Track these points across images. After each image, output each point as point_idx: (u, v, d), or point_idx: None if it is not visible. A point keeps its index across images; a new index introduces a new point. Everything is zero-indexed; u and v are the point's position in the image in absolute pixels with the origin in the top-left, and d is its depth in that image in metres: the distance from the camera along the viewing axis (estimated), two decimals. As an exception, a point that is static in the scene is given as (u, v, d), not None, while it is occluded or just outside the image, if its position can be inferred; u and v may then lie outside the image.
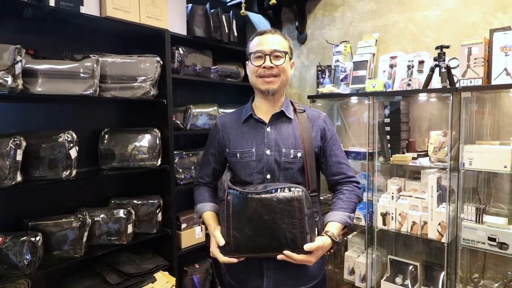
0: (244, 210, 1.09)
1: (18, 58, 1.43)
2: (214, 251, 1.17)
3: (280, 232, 1.06)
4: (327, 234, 1.15)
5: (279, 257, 1.08)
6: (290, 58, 1.25)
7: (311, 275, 1.23)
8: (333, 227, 1.18)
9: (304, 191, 1.09)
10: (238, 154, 1.24)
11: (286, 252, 1.07)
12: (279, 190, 1.09)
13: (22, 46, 1.46)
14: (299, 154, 1.20)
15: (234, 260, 1.12)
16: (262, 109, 1.27)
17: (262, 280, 1.20)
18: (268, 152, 1.21)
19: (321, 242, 1.11)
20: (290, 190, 1.08)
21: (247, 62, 1.26)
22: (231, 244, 1.11)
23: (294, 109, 1.28)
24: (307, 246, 1.07)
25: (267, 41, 1.20)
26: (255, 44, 1.22)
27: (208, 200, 1.35)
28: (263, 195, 1.08)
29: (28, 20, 1.74)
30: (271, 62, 1.18)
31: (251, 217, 1.08)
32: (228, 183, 1.16)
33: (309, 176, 1.20)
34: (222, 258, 1.14)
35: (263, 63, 1.19)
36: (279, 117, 1.25)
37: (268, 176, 1.21)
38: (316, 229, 1.16)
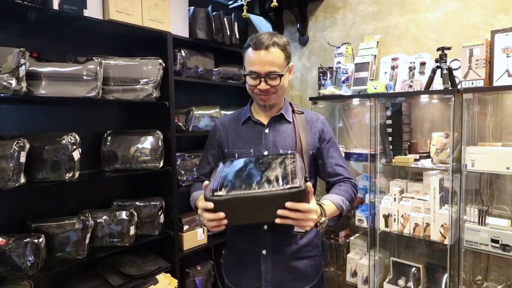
0: (237, 163, 1.07)
1: (22, 61, 1.44)
2: (200, 201, 1.04)
3: (272, 174, 0.98)
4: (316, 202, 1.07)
5: (278, 218, 0.94)
6: (288, 63, 1.21)
7: (309, 277, 1.23)
8: (325, 203, 1.11)
9: (298, 154, 1.11)
10: (236, 155, 1.25)
11: (288, 204, 0.93)
12: (274, 155, 1.11)
13: (26, 49, 1.47)
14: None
15: (210, 205, 0.95)
16: (260, 112, 1.28)
17: (260, 283, 1.20)
18: (265, 153, 1.21)
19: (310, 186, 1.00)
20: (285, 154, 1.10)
21: (243, 72, 1.23)
22: (219, 183, 0.98)
23: (293, 111, 1.28)
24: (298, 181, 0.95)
25: (261, 61, 1.13)
26: (250, 61, 1.16)
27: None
28: (258, 158, 1.09)
29: (32, 23, 1.75)
30: (267, 83, 1.15)
31: (245, 166, 1.04)
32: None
33: None
34: (202, 202, 0.99)
35: (259, 84, 1.16)
36: (278, 119, 1.26)
37: None
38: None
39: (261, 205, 0.95)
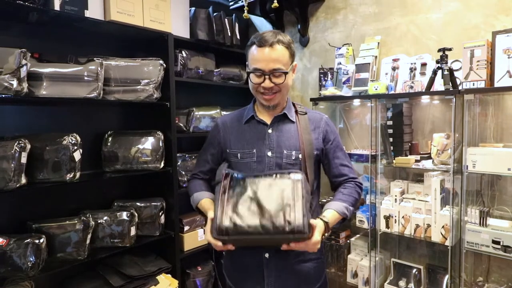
0: (240, 190, 1.08)
1: (23, 61, 1.44)
2: (207, 234, 1.08)
3: (276, 212, 1.03)
4: (319, 218, 1.12)
5: (284, 247, 1.05)
6: (292, 61, 1.20)
7: (312, 280, 1.23)
8: (328, 213, 1.16)
9: (303, 175, 1.10)
10: (238, 155, 1.24)
11: (292, 245, 1.03)
12: (278, 175, 1.10)
13: (27, 49, 1.47)
14: (300, 156, 1.20)
15: (219, 244, 1.04)
16: (264, 112, 1.27)
17: (262, 287, 1.20)
18: (269, 153, 1.20)
19: (314, 222, 1.08)
20: (289, 174, 1.10)
21: (247, 70, 1.23)
22: (225, 219, 1.04)
23: (296, 111, 1.27)
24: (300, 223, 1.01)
25: (266, 58, 1.13)
26: (254, 58, 1.16)
27: (204, 190, 1.30)
28: (262, 177, 1.09)
29: (33, 24, 1.76)
30: (271, 81, 1.15)
31: (248, 197, 1.06)
32: (225, 170, 1.16)
33: (308, 179, 1.19)
34: (210, 238, 1.05)
35: (263, 81, 1.15)
36: (281, 119, 1.25)
37: None
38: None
39: (266, 243, 1.13)
